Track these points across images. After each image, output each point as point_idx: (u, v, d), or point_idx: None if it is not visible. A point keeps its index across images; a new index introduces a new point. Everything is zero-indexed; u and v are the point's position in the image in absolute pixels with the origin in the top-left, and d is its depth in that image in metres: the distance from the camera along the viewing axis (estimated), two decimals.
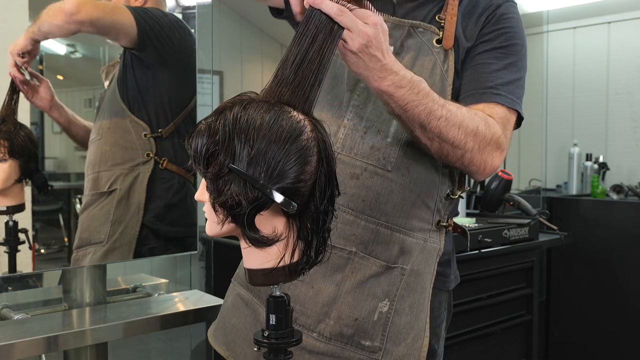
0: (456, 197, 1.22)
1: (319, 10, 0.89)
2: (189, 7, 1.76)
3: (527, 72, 1.25)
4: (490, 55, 1.18)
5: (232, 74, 3.79)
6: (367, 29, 0.93)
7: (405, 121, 1.06)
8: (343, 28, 0.91)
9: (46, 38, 1.44)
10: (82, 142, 1.59)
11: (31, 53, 1.42)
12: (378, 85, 0.99)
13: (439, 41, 1.17)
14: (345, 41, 0.93)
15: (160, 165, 1.58)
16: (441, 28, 1.17)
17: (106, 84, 1.60)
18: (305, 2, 0.90)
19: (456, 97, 1.19)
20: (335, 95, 1.18)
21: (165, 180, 1.60)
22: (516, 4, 1.25)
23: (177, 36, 1.61)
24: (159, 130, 1.57)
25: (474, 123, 1.07)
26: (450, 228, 1.25)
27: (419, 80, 1.02)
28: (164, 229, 1.62)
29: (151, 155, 1.56)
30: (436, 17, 1.19)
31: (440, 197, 1.20)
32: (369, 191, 1.14)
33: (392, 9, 1.20)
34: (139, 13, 1.51)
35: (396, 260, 1.16)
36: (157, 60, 1.57)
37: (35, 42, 1.41)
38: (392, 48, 1.16)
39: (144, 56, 1.54)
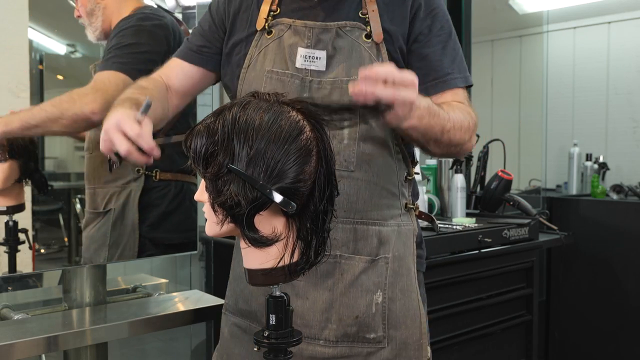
0: (412, 177, 1.29)
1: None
2: (189, 7, 1.76)
3: (527, 72, 1.29)
4: (433, 41, 1.24)
5: None
6: (409, 94, 0.98)
7: (420, 143, 1.14)
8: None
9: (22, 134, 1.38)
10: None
11: None
12: (405, 125, 1.04)
13: (367, 36, 1.20)
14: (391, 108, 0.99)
15: (153, 178, 1.55)
16: (367, 23, 1.21)
17: None
18: (352, 92, 0.94)
19: None
20: None
21: (160, 189, 1.59)
22: None
23: (162, 40, 1.56)
24: None
25: (466, 121, 1.17)
26: (417, 212, 1.31)
27: (430, 103, 1.08)
28: (161, 237, 1.62)
29: (142, 171, 1.53)
30: (359, 13, 1.22)
31: (400, 181, 1.25)
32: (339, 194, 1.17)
33: None
34: (131, 66, 1.45)
35: (378, 251, 1.20)
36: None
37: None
38: (324, 52, 1.19)
39: None
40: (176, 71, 1.32)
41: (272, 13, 1.24)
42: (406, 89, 0.97)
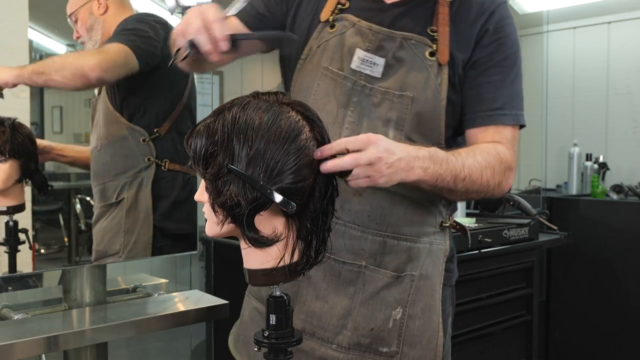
0: None
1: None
2: (189, 7, 1.76)
3: (527, 72, 1.26)
4: (492, 72, 1.17)
5: (232, 74, 3.79)
6: (369, 155, 0.92)
7: (434, 192, 1.09)
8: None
9: (32, 86, 1.42)
10: (86, 165, 1.61)
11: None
12: (411, 178, 1.00)
13: (432, 54, 1.16)
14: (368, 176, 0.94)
15: (163, 167, 1.58)
16: (434, 41, 1.16)
17: (95, 92, 1.60)
18: (322, 169, 0.88)
19: (457, 113, 1.19)
20: (329, 112, 1.17)
21: (168, 179, 1.60)
22: (507, 2, 1.23)
23: (161, 35, 1.60)
24: (155, 130, 1.57)
25: (490, 166, 1.11)
26: (451, 223, 1.26)
27: (434, 151, 1.04)
28: (171, 227, 1.64)
29: (152, 159, 1.56)
30: (428, 30, 1.17)
31: (440, 200, 1.20)
32: (373, 206, 1.15)
33: None
34: (135, 43, 1.49)
35: (405, 267, 1.17)
36: (146, 68, 1.56)
37: (15, 85, 1.37)
38: (383, 60, 1.16)
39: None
40: (233, 29, 1.28)
41: (339, 6, 1.20)
42: (365, 151, 0.93)
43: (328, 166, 0.87)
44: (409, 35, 1.16)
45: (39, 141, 1.47)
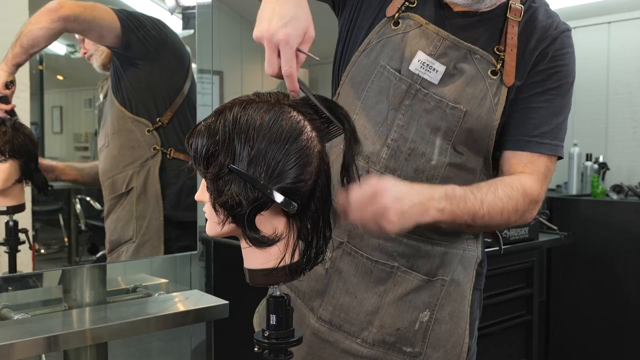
0: None
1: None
2: (189, 7, 1.76)
3: None
4: (540, 98, 1.15)
5: (232, 74, 3.79)
6: (376, 205, 0.94)
7: (452, 229, 1.09)
8: None
9: (29, 54, 1.41)
10: (85, 182, 1.63)
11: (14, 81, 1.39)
12: (426, 219, 1.00)
13: (494, 72, 1.13)
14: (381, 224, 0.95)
15: (167, 156, 1.61)
16: (500, 60, 1.13)
17: (101, 97, 1.62)
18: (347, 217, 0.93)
19: (500, 134, 1.17)
20: (379, 112, 1.16)
21: (174, 167, 1.63)
22: (571, 30, 1.21)
23: (157, 29, 1.63)
24: (158, 120, 1.59)
25: (512, 202, 1.09)
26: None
27: (451, 190, 1.03)
28: (179, 215, 1.65)
29: (157, 147, 1.59)
30: (495, 48, 1.14)
31: None
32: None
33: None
34: (119, 10, 1.52)
35: (436, 272, 1.18)
36: (143, 56, 1.59)
37: (18, 66, 1.39)
38: (444, 68, 1.13)
39: (130, 54, 1.56)
40: None
41: (407, 3, 1.17)
42: (376, 201, 0.93)
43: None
44: (474, 49, 1.14)
45: (43, 162, 1.49)
